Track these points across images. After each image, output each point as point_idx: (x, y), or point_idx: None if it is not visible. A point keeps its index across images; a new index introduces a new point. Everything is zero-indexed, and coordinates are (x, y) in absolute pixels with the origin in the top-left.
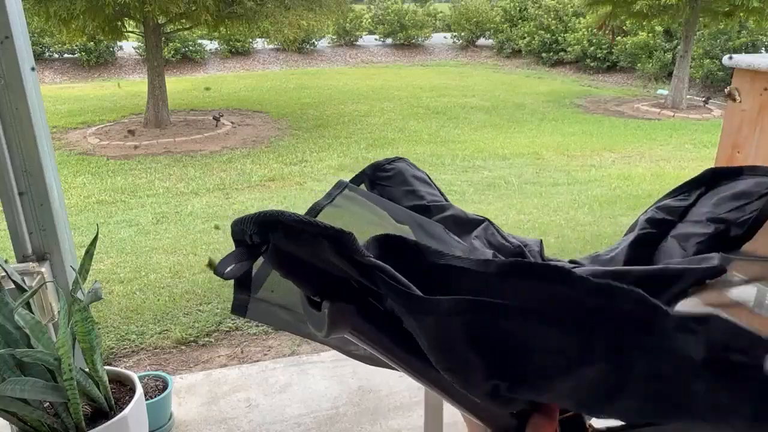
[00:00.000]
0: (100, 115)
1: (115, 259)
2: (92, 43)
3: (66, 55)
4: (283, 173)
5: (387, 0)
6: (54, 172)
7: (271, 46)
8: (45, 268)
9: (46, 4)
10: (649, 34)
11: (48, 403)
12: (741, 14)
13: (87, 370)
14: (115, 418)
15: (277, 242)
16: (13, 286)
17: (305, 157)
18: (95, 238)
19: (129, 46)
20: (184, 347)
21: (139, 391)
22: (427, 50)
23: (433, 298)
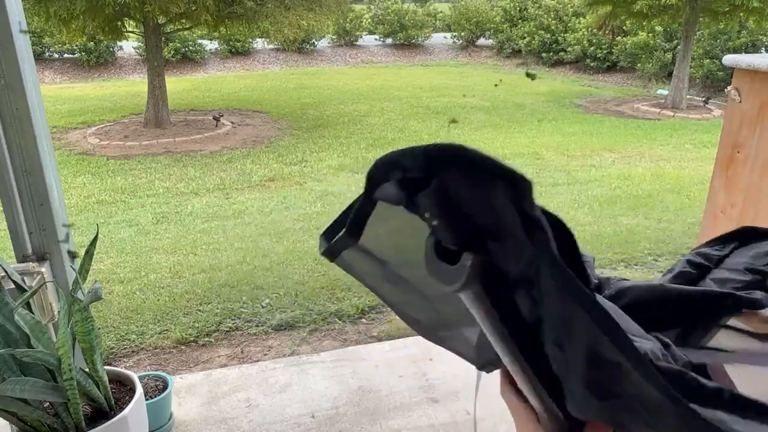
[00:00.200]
0: (100, 115)
1: (115, 259)
2: (92, 43)
3: (66, 55)
4: (283, 173)
5: (387, 0)
6: (54, 172)
7: (271, 46)
8: (45, 268)
9: (46, 4)
10: (649, 34)
11: (48, 403)
12: (741, 14)
13: (87, 370)
14: (115, 418)
15: (445, 179)
16: (13, 286)
17: (305, 157)
18: (95, 238)
19: (129, 46)
20: (184, 347)
21: (139, 391)
22: (427, 50)
23: (590, 294)
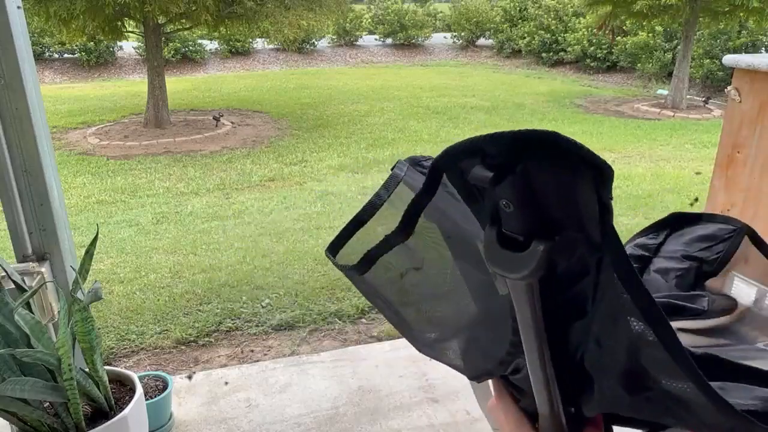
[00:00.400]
0: (100, 115)
1: (115, 259)
2: (92, 43)
3: (66, 55)
4: (283, 173)
5: (387, 0)
6: (54, 172)
7: (271, 46)
8: (45, 268)
9: (46, 4)
10: (649, 34)
11: (48, 403)
12: (741, 14)
13: (87, 370)
14: (115, 418)
15: (531, 166)
16: (13, 286)
17: (305, 157)
18: (95, 238)
19: (129, 46)
20: (184, 347)
21: (139, 391)
22: (427, 50)
23: (644, 286)
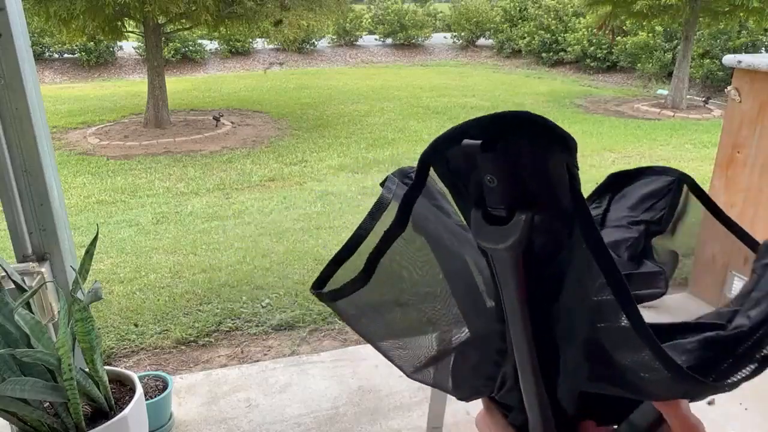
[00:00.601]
0: (100, 115)
1: (115, 259)
2: (92, 43)
3: (66, 55)
4: (283, 173)
5: (387, 0)
6: (54, 172)
7: (271, 46)
8: (45, 268)
9: (46, 4)
10: (649, 34)
11: (48, 403)
12: (741, 14)
13: (87, 370)
14: (115, 418)
15: (510, 142)
16: (13, 286)
17: (305, 157)
18: (95, 238)
19: (129, 46)
20: (184, 347)
21: (139, 391)
22: (427, 50)
23: (610, 254)
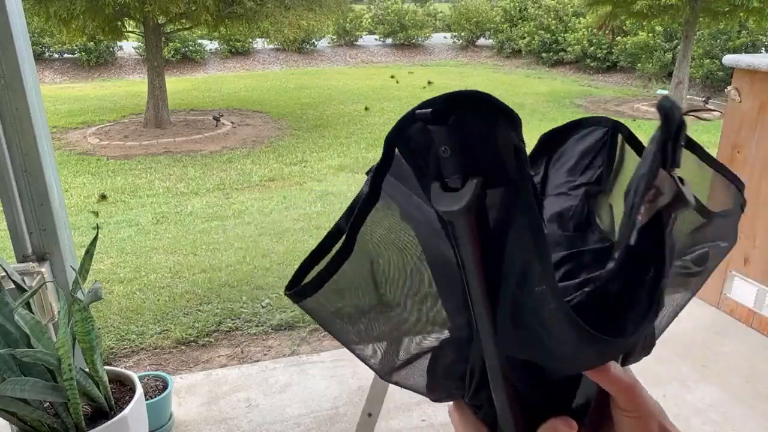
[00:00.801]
0: (100, 115)
1: (115, 259)
2: (92, 43)
3: (66, 55)
4: (283, 173)
5: (387, 0)
6: (54, 172)
7: (271, 46)
8: (45, 268)
9: (46, 4)
10: (649, 34)
11: (48, 403)
12: (741, 14)
13: (87, 370)
14: (115, 418)
15: (461, 115)
16: (13, 286)
17: (305, 157)
18: (95, 238)
19: (129, 46)
20: (184, 347)
21: (139, 391)
22: (427, 50)
23: (539, 215)
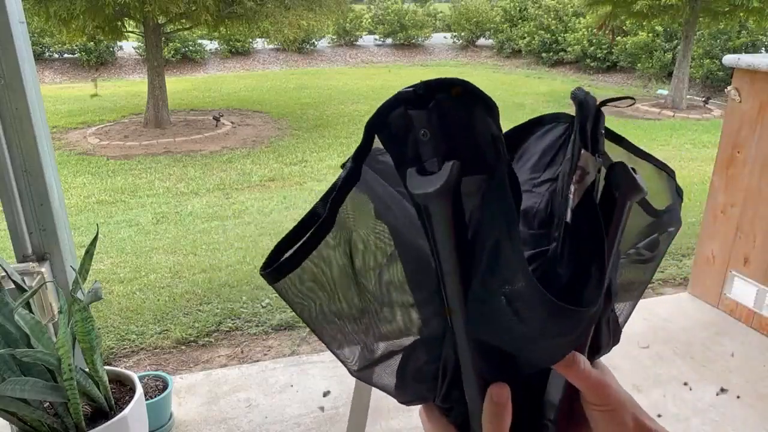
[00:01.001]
0: (100, 115)
1: (115, 259)
2: (92, 43)
3: (66, 55)
4: (283, 173)
5: (387, 0)
6: (54, 172)
7: (271, 46)
8: (45, 268)
9: (46, 4)
10: (649, 34)
11: (48, 403)
12: (741, 14)
13: (87, 370)
14: (115, 418)
15: (440, 100)
16: (13, 286)
17: (305, 157)
18: (95, 238)
19: (129, 46)
20: (184, 347)
21: (139, 391)
22: (427, 50)
23: (510, 196)
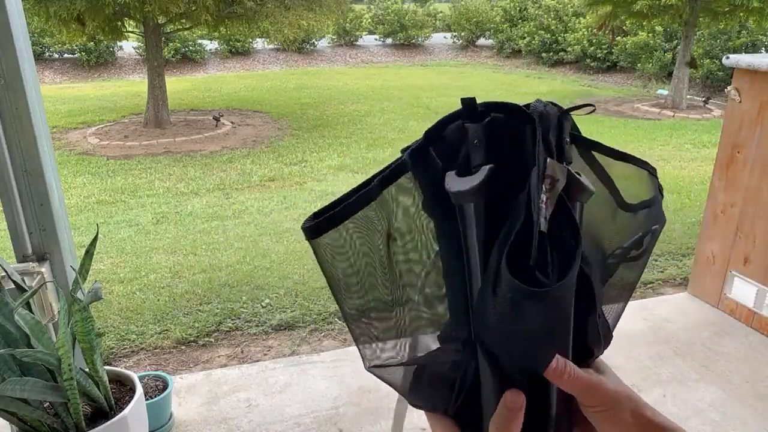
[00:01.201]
0: (100, 115)
1: (115, 259)
2: (92, 43)
3: (66, 55)
4: (283, 173)
5: (387, 0)
6: (54, 172)
7: (271, 46)
8: (45, 268)
9: (46, 4)
10: (649, 34)
11: (48, 403)
12: (741, 14)
13: (87, 370)
14: (115, 418)
15: (495, 117)
16: (13, 286)
17: (305, 157)
18: (95, 238)
19: (129, 46)
20: (184, 347)
21: (139, 391)
22: (427, 50)
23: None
